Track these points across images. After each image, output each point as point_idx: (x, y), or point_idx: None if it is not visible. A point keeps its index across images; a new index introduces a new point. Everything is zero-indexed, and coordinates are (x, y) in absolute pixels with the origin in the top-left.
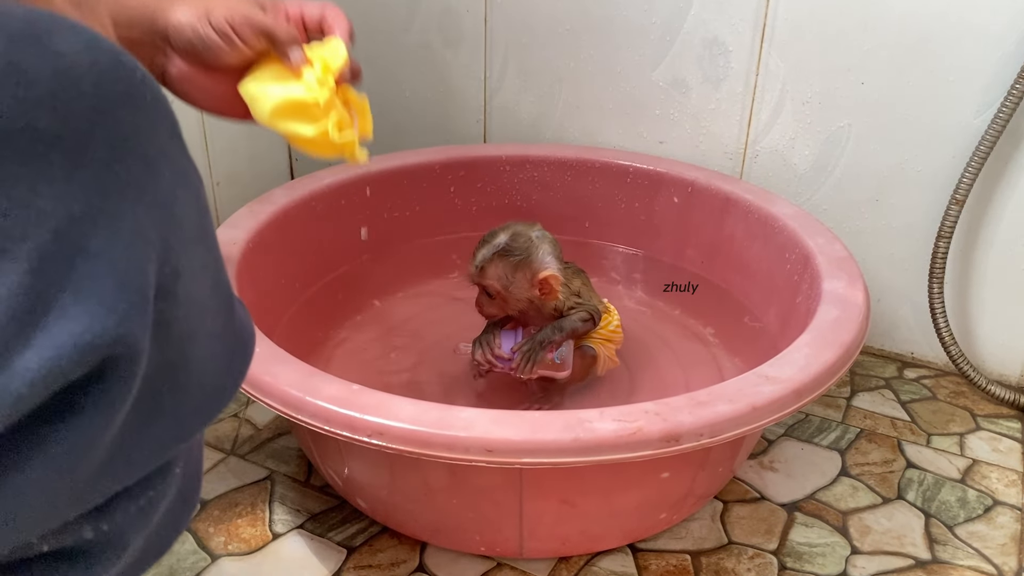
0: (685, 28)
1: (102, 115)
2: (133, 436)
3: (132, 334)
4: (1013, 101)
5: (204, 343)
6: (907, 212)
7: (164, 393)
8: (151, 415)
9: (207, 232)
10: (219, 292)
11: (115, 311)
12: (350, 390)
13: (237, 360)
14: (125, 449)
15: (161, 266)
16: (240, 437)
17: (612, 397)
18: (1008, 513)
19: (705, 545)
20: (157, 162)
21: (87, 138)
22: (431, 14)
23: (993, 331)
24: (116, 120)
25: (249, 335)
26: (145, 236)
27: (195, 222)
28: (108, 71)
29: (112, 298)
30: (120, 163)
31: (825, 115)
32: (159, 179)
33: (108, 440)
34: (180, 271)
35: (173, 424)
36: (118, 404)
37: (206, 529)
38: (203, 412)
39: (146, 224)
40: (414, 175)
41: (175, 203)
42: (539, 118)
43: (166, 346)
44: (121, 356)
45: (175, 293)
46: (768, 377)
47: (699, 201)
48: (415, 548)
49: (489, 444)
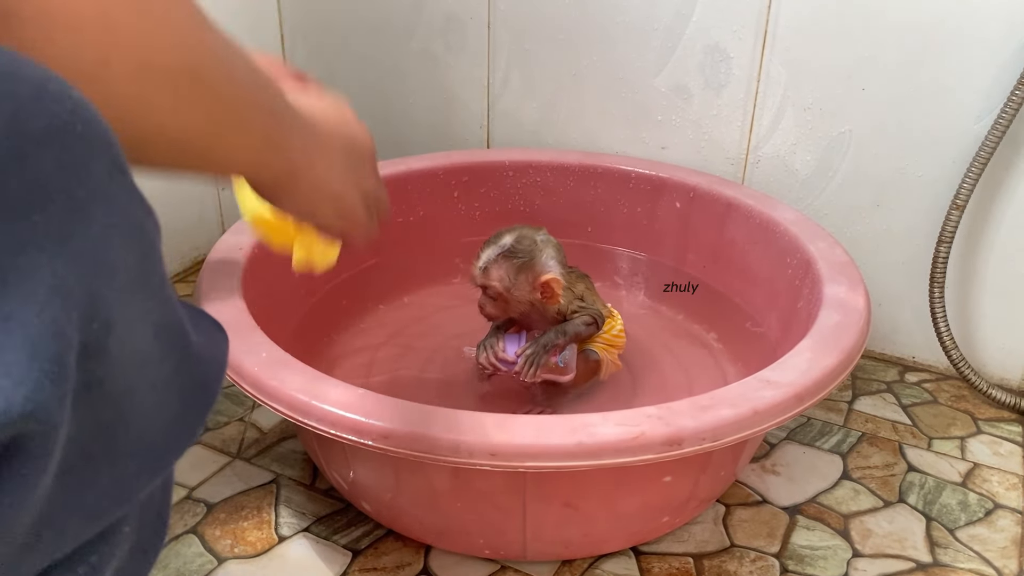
0: (687, 35)
1: (17, 158)
2: (63, 507)
3: (43, 408)
4: (1013, 107)
5: (147, 396)
6: (908, 217)
7: (98, 457)
8: (84, 484)
9: (150, 275)
10: (165, 336)
11: (24, 384)
12: (355, 394)
13: (193, 405)
14: (54, 522)
15: (88, 322)
16: (246, 441)
17: (615, 401)
18: (1009, 516)
19: (707, 548)
20: (87, 205)
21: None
22: (434, 21)
23: (994, 335)
24: (35, 162)
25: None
26: (65, 292)
27: (134, 267)
28: (27, 105)
29: (21, 370)
30: (39, 212)
31: (826, 121)
32: (88, 224)
33: (29, 517)
34: (112, 323)
35: (111, 487)
36: (32, 481)
37: (212, 532)
38: (152, 468)
39: (68, 278)
40: (418, 181)
41: (108, 249)
42: (542, 124)
43: (99, 407)
44: (33, 432)
45: (107, 349)
46: (770, 381)
47: (701, 206)
48: (420, 551)
49: (493, 448)
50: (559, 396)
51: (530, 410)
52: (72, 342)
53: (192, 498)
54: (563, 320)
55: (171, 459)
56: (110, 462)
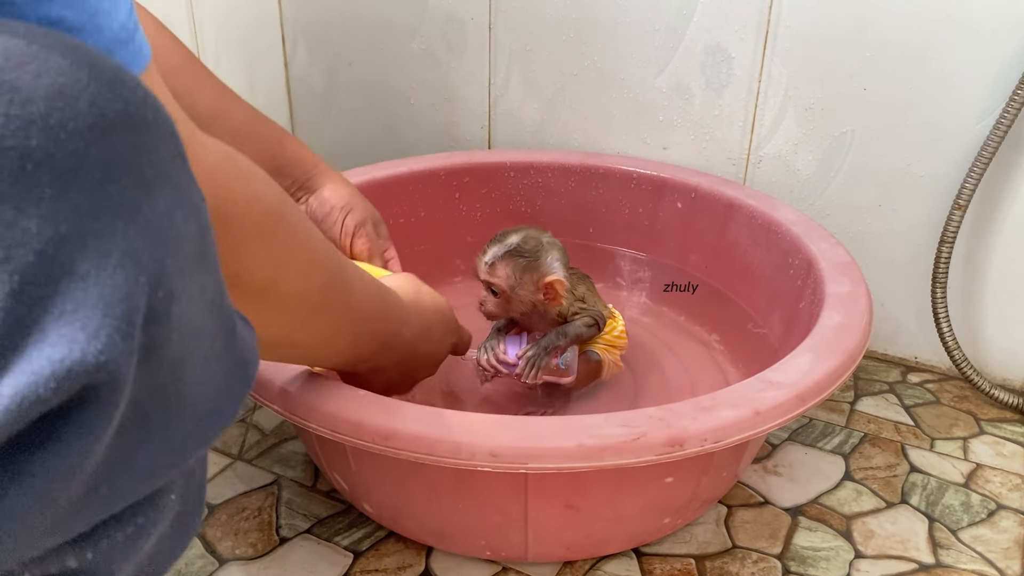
0: (688, 35)
1: (97, 135)
2: (119, 463)
3: (114, 361)
4: (1015, 106)
5: (200, 366)
6: (910, 217)
7: (154, 418)
8: (139, 441)
9: (207, 254)
10: (219, 314)
11: (97, 337)
12: (356, 395)
13: (237, 382)
14: (110, 476)
15: (154, 289)
16: (247, 442)
17: (617, 402)
18: (1012, 517)
19: (709, 549)
20: (155, 183)
21: (80, 158)
22: (435, 22)
23: (997, 335)
24: (112, 140)
25: (252, 356)
26: (136, 259)
27: (195, 244)
28: (106, 90)
29: (95, 324)
30: (114, 184)
31: (828, 121)
32: (156, 200)
33: (90, 468)
34: (176, 294)
35: (164, 450)
36: (99, 432)
37: (214, 534)
38: (198, 437)
39: (138, 246)
40: (419, 181)
41: (172, 225)
42: (543, 125)
43: (157, 370)
44: (102, 384)
45: (169, 316)
46: (771, 382)
47: (702, 206)
48: (421, 552)
49: (494, 449)
50: (560, 398)
51: (531, 412)
52: (139, 304)
53: None
54: (564, 322)
55: (215, 431)
56: (163, 425)
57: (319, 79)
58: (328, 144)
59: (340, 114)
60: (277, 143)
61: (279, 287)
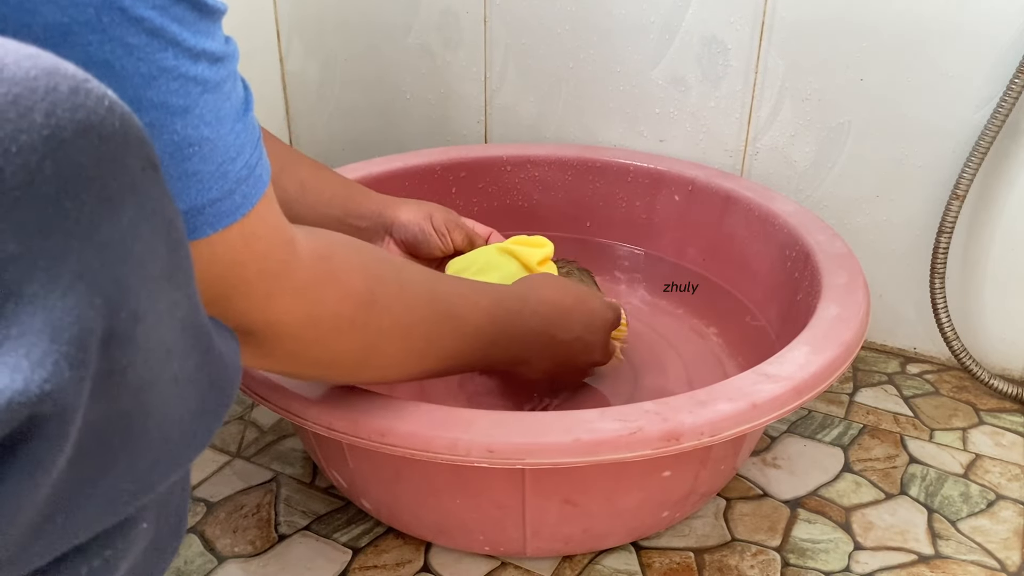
0: (684, 27)
1: (53, 148)
2: (76, 493)
3: (60, 391)
4: (1012, 96)
5: (169, 389)
6: (908, 208)
7: (116, 445)
8: (99, 470)
9: (178, 270)
10: (192, 332)
11: (43, 365)
12: (352, 392)
13: (212, 402)
14: (66, 507)
15: (114, 310)
16: (245, 440)
17: (616, 395)
18: (1011, 508)
19: (708, 542)
20: (118, 197)
21: (32, 173)
22: (430, 16)
23: (995, 326)
24: (70, 153)
25: (230, 374)
26: (91, 279)
27: (164, 261)
28: (66, 99)
29: (41, 351)
30: (71, 199)
31: (825, 112)
32: (119, 215)
33: (40, 500)
34: (140, 314)
35: (129, 478)
36: (47, 465)
37: (213, 531)
38: (169, 462)
39: (95, 266)
40: (416, 176)
41: (137, 241)
42: (539, 118)
43: (119, 395)
44: (48, 415)
45: (133, 338)
46: (768, 375)
47: (700, 199)
48: (420, 548)
49: (490, 445)
50: (561, 390)
51: (534, 406)
52: (94, 328)
53: (192, 497)
54: None
55: (188, 455)
56: (128, 451)
57: (315, 75)
58: (324, 139)
59: (336, 110)
60: (343, 190)
61: (373, 360)
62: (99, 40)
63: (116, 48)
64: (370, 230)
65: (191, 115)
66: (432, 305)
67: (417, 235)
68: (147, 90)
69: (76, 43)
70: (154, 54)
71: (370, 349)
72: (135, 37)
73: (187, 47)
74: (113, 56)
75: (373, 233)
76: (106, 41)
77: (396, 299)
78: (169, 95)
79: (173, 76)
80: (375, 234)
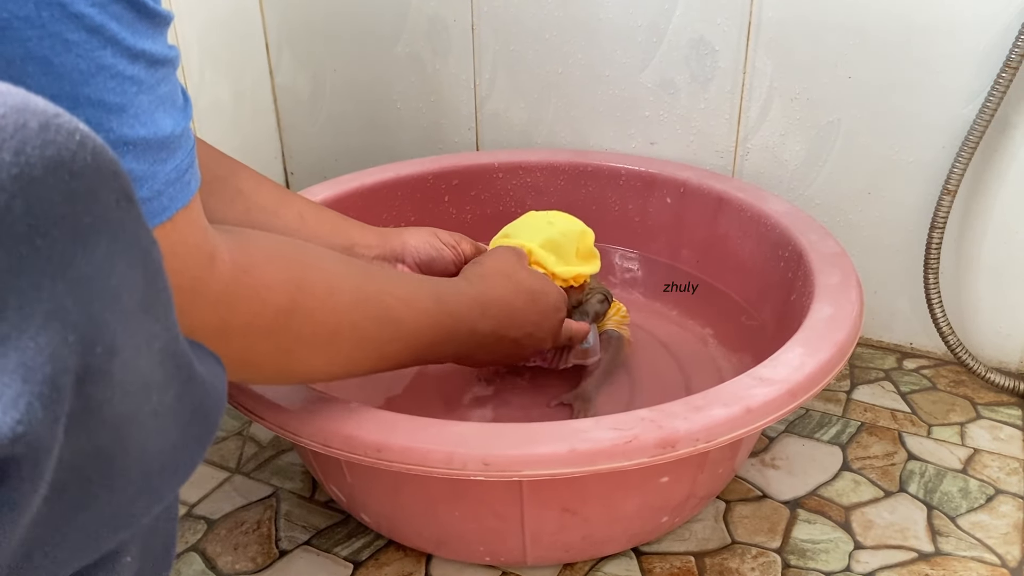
0: (671, 29)
1: (22, 186)
2: (54, 530)
3: (33, 432)
4: (1000, 90)
5: (148, 422)
6: (900, 204)
7: (95, 481)
8: (78, 507)
9: (156, 301)
10: (171, 363)
11: (15, 407)
12: (347, 408)
13: (195, 431)
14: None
15: (89, 347)
16: (244, 455)
17: (613, 400)
18: (1010, 502)
19: (709, 546)
20: (92, 232)
21: (2, 212)
22: (418, 25)
23: (991, 319)
24: (40, 190)
25: (214, 402)
26: (64, 317)
27: (140, 293)
28: (35, 136)
29: (13, 392)
30: (42, 237)
31: (814, 110)
32: (92, 250)
33: (17, 540)
34: (116, 348)
35: (109, 512)
36: (21, 506)
37: (213, 549)
38: (151, 495)
39: (68, 303)
40: (408, 185)
41: (112, 275)
42: (530, 124)
43: (97, 432)
44: (21, 456)
45: (109, 373)
46: (762, 379)
47: (692, 201)
48: (420, 560)
49: (486, 458)
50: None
51: (558, 404)
52: (68, 366)
53: (193, 515)
54: (578, 305)
55: (170, 487)
56: (107, 487)
57: (305, 86)
58: (316, 150)
59: (327, 121)
60: (343, 222)
61: (295, 366)
62: (38, 35)
63: (55, 44)
64: (380, 258)
65: (126, 114)
66: (363, 310)
67: (431, 253)
68: (84, 87)
69: (15, 38)
70: (93, 51)
71: (290, 355)
72: (74, 33)
73: (125, 46)
74: (52, 52)
75: (383, 261)
76: (45, 36)
77: (320, 306)
78: (106, 93)
79: (111, 74)
80: (385, 261)
